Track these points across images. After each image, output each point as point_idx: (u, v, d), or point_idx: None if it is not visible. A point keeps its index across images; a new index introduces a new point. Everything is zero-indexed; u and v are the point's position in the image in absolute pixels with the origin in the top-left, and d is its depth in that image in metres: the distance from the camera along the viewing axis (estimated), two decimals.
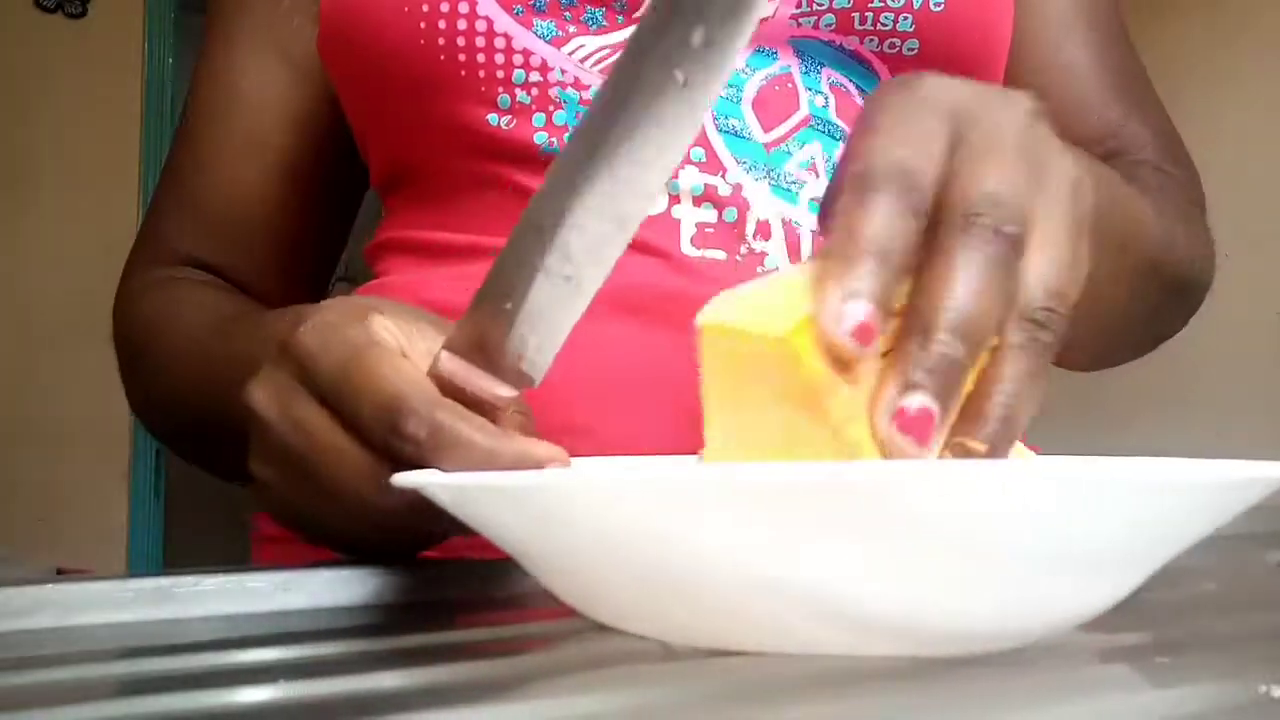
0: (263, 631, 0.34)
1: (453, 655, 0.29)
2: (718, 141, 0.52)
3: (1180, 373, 2.03)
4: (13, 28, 2.66)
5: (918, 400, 0.27)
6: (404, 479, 0.31)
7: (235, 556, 0.59)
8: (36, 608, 0.33)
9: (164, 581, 0.35)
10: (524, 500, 0.28)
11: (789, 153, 0.53)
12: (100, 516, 2.64)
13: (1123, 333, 0.57)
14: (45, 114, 2.66)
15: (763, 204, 0.52)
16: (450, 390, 0.34)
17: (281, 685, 0.26)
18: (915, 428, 0.28)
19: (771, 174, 0.52)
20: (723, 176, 0.52)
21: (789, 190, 0.53)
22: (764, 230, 0.52)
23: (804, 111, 0.53)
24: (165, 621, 0.35)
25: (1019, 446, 0.34)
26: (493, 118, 0.51)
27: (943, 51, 0.53)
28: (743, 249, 0.52)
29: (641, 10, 0.52)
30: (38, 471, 2.57)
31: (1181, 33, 2.21)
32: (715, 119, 0.52)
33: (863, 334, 0.27)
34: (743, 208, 0.52)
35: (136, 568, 2.59)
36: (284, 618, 0.35)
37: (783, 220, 0.53)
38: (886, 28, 0.53)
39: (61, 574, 2.10)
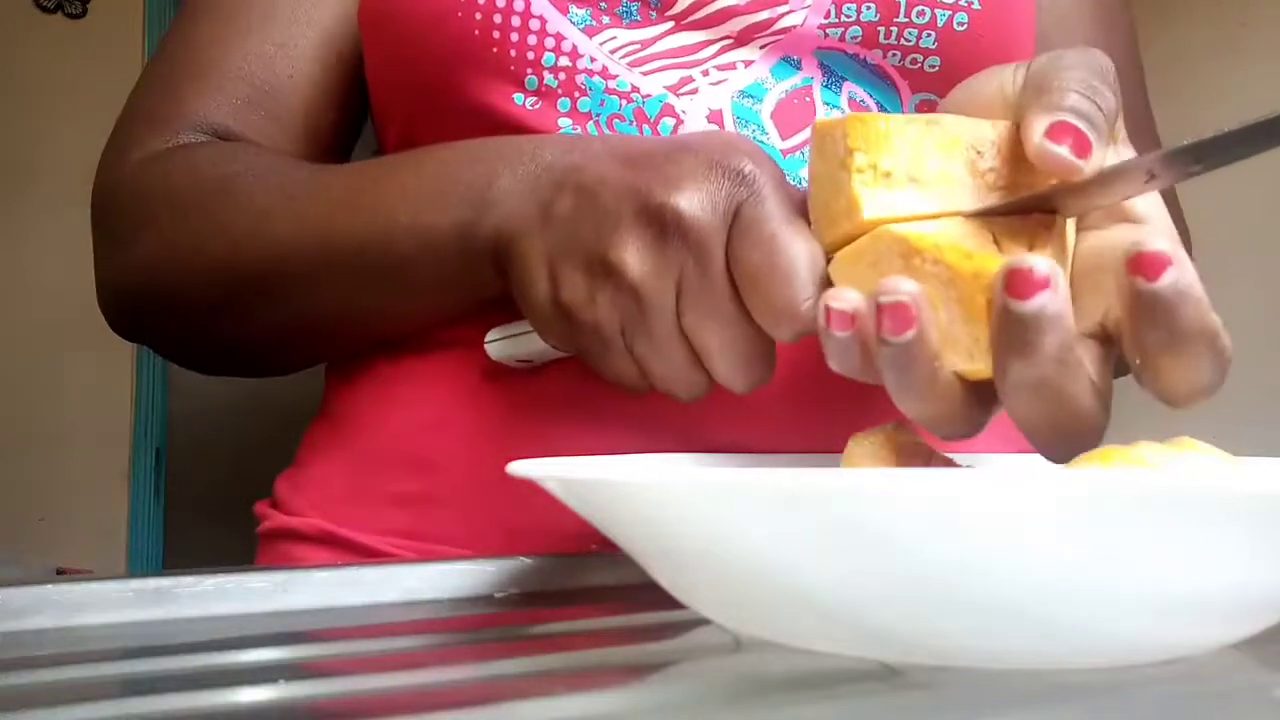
0: (263, 631, 0.34)
1: (451, 657, 0.29)
2: None
3: None
4: (13, 28, 2.66)
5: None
6: (517, 469, 0.31)
7: (235, 556, 0.59)
8: (36, 608, 0.33)
9: (164, 581, 0.35)
10: (626, 496, 0.28)
11: (804, 160, 0.53)
12: (100, 516, 2.64)
13: None
14: (45, 114, 2.66)
15: None
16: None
17: (281, 685, 0.26)
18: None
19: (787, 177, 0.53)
20: None
21: None
22: None
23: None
24: (165, 621, 0.35)
25: (1190, 441, 0.33)
26: (518, 97, 0.52)
27: (963, 70, 0.53)
28: None
29: (681, 7, 0.52)
30: (38, 471, 2.57)
31: (1184, 33, 2.21)
32: (735, 124, 0.52)
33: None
34: None
35: (136, 568, 2.59)
36: (284, 618, 0.35)
37: None
38: (910, 43, 0.53)
39: (61, 574, 2.10)
